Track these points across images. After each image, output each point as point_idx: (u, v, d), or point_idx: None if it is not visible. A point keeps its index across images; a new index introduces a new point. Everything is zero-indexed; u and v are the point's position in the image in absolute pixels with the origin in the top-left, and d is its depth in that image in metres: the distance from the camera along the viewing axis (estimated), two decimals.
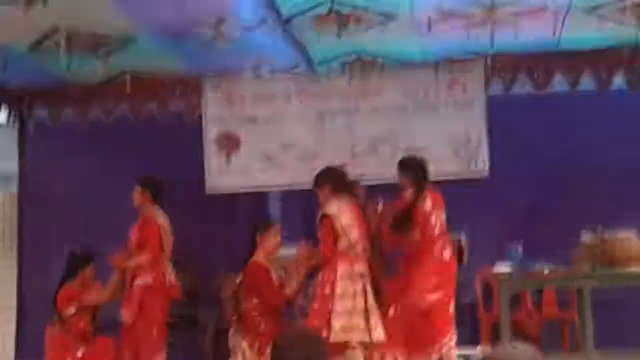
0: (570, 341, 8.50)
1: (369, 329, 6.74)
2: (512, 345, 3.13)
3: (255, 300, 6.96)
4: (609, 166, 9.06)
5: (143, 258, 7.85)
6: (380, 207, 7.40)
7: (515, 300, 8.48)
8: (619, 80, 8.66)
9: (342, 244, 6.82)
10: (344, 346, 6.64)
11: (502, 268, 7.85)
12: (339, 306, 6.68)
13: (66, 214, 9.52)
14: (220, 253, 9.20)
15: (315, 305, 6.77)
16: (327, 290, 6.74)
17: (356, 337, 6.68)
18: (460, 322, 8.19)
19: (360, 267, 6.85)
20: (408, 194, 7.41)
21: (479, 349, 2.99)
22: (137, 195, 8.00)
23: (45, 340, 8.41)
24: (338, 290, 6.72)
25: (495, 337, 8.03)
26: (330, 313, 6.66)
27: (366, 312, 6.78)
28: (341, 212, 6.85)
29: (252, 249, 7.13)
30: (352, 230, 6.86)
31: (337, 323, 6.62)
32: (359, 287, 6.80)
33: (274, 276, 7.05)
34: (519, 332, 7.87)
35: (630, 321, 8.89)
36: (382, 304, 6.95)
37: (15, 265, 9.78)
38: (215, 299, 9.15)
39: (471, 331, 8.33)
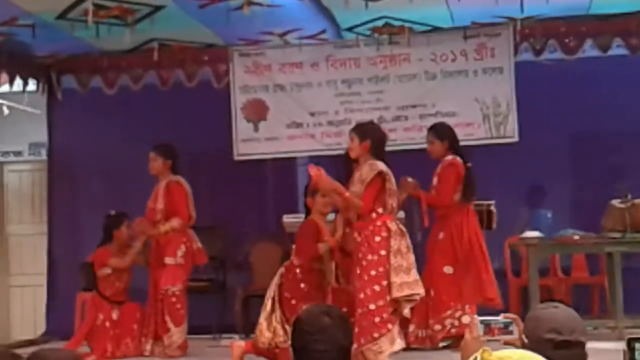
0: (599, 306, 8.48)
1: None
2: (554, 305, 3.13)
3: (301, 258, 6.97)
4: (638, 132, 8.99)
5: (176, 222, 7.90)
6: (411, 179, 7.47)
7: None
8: None
9: (391, 203, 6.78)
10: (399, 301, 6.62)
11: (532, 233, 7.83)
12: (395, 263, 6.65)
13: (94, 180, 9.58)
14: (248, 218, 9.24)
15: (370, 256, 6.73)
16: (383, 244, 6.70)
17: (415, 291, 6.67)
18: None
19: (401, 226, 6.85)
20: (454, 159, 7.56)
21: (502, 315, 2.98)
22: (158, 164, 8.05)
23: (75, 304, 8.50)
24: (393, 246, 6.68)
25: (523, 302, 8.02)
26: (387, 267, 6.63)
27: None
28: (390, 173, 6.84)
29: (307, 212, 7.15)
30: (396, 192, 6.87)
31: (396, 279, 6.61)
32: (406, 244, 6.77)
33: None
34: (548, 298, 7.85)
35: None
36: None
37: (46, 231, 9.86)
38: (244, 264, 9.20)
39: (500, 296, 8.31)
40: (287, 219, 8.78)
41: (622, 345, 3.17)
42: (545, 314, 3.00)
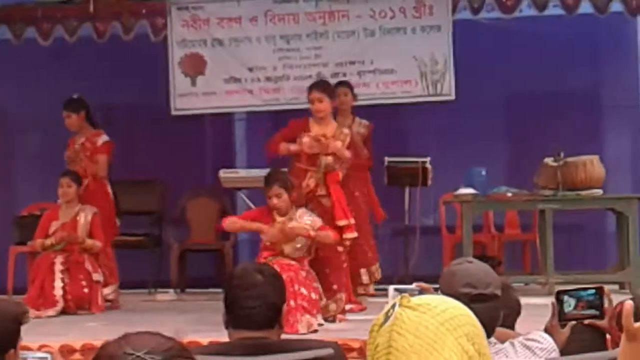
0: (531, 263, 8.63)
1: None
2: (468, 260, 3.17)
3: None
4: (573, 92, 9.13)
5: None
6: None
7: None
8: (585, 5, 8.64)
9: None
10: None
11: (466, 191, 7.92)
12: None
13: (28, 133, 9.44)
14: (185, 173, 9.20)
15: None
16: None
17: None
18: (423, 245, 8.32)
19: None
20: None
21: (415, 284, 3.00)
22: (76, 120, 7.95)
23: (8, 259, 8.41)
24: None
25: (457, 258, 8.12)
26: None
27: None
28: None
29: None
30: None
31: None
32: None
33: None
34: (481, 254, 7.97)
35: (590, 243, 9.04)
36: None
37: None
38: (180, 219, 9.19)
39: (434, 253, 8.42)
40: (223, 173, 8.77)
41: (552, 300, 3.23)
42: (460, 269, 3.03)
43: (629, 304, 1.57)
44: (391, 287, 3.05)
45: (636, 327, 1.55)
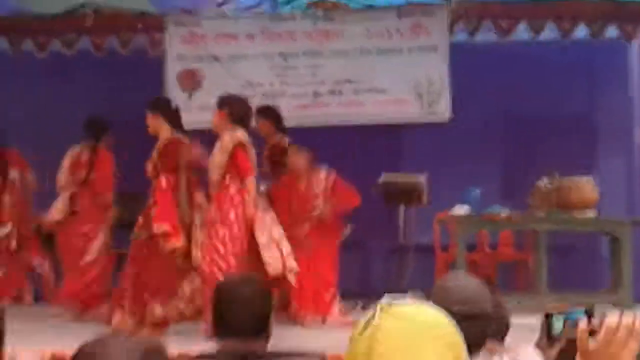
0: (524, 282, 8.63)
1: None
2: (462, 276, 3.15)
3: None
4: (567, 114, 9.16)
5: None
6: None
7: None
8: (581, 30, 8.69)
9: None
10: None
11: (461, 210, 7.94)
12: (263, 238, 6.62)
13: (25, 144, 9.43)
14: None
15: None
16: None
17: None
18: (417, 263, 8.32)
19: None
20: (279, 138, 7.95)
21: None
22: None
23: None
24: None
25: None
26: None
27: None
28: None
29: None
30: None
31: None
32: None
33: None
34: (474, 273, 7.96)
35: (582, 264, 9.04)
36: None
37: None
38: None
39: (427, 271, 8.41)
40: None
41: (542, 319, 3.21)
42: (454, 286, 2.99)
43: (582, 325, 1.57)
44: (385, 297, 3.04)
45: (590, 348, 1.54)
